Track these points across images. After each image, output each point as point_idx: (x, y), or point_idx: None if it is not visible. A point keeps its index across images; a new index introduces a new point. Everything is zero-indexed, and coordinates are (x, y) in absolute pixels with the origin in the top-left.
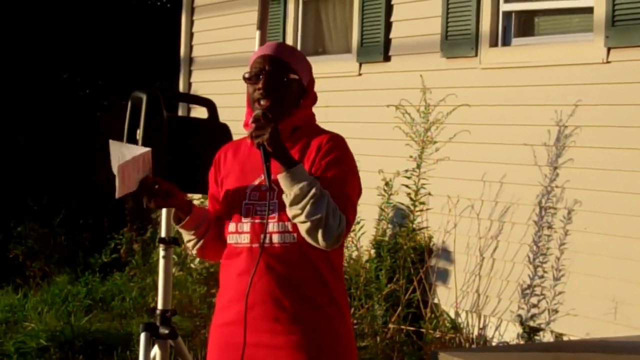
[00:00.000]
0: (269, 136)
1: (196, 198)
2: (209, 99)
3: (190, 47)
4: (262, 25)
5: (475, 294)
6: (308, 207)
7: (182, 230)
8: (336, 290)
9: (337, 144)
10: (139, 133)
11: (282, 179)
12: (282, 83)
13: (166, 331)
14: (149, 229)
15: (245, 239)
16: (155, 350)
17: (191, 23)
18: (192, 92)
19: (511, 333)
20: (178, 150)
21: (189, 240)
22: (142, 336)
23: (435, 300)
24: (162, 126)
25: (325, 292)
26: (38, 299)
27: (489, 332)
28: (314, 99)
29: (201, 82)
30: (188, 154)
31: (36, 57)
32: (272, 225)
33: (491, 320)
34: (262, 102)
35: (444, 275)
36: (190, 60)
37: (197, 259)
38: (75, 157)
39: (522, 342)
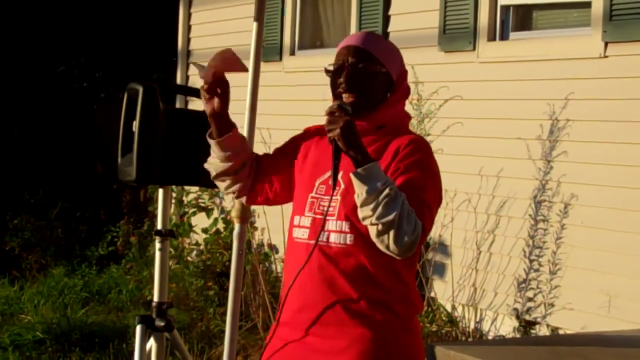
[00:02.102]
0: (339, 131)
1: (193, 191)
2: None
3: (187, 40)
4: (259, 17)
5: (472, 287)
6: (380, 208)
7: (216, 147)
8: (395, 296)
9: (418, 147)
10: (135, 125)
11: (353, 177)
12: (365, 77)
13: (162, 323)
14: (146, 222)
15: (304, 234)
16: (151, 343)
17: (189, 15)
18: (190, 84)
19: (507, 327)
20: (175, 143)
21: (217, 161)
22: (138, 328)
23: (432, 294)
24: (159, 118)
25: (380, 298)
26: (34, 291)
27: (485, 326)
28: (404, 92)
29: (198, 75)
30: (185, 146)
31: (33, 50)
32: (331, 224)
33: (487, 314)
34: (344, 97)
35: (440, 269)
36: (188, 53)
37: (194, 252)
38: (72, 149)
39: (518, 335)
